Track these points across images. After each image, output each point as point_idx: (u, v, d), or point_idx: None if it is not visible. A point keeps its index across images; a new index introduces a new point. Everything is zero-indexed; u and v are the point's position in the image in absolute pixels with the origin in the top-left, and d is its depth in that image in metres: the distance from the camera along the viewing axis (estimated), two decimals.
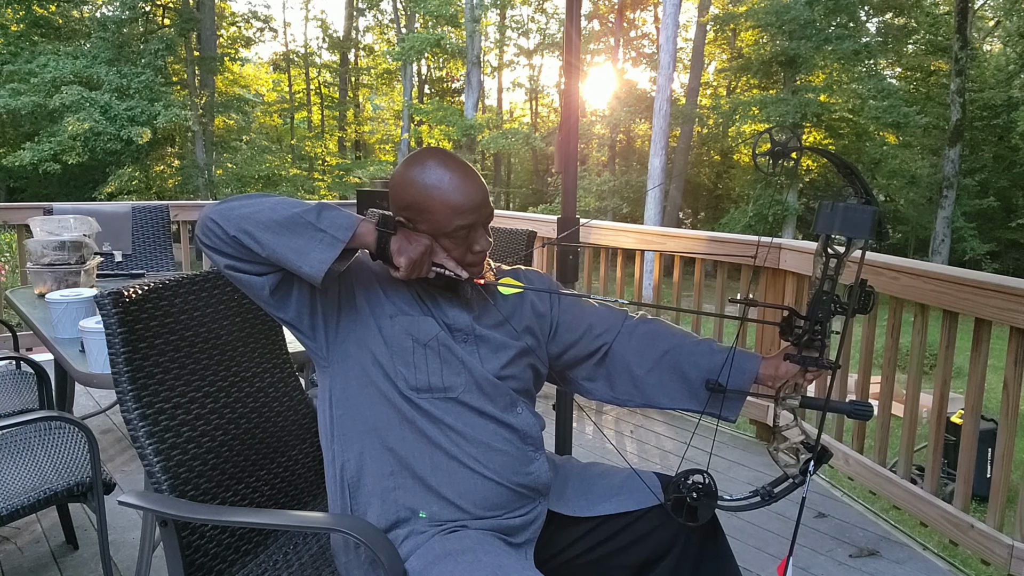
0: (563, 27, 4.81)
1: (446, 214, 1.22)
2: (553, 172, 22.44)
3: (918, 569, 2.35)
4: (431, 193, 1.22)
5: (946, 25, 19.64)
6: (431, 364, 1.24)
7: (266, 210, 1.13)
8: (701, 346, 1.39)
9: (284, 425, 1.60)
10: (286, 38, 39.64)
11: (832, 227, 1.13)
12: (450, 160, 1.25)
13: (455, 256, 1.26)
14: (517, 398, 1.32)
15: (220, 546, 1.36)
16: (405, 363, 1.24)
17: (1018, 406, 2.24)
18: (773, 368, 1.33)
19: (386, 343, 1.24)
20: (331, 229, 1.13)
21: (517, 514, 1.28)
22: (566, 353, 1.44)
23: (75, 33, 18.30)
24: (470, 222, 1.23)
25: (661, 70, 14.94)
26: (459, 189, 1.22)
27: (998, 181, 19.47)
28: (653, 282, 4.64)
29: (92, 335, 1.90)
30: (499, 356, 1.32)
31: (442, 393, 1.24)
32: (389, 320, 1.25)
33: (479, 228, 1.26)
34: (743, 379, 1.34)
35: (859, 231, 1.11)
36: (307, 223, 1.12)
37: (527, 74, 29.67)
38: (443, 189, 1.22)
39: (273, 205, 1.14)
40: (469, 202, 1.23)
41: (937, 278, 2.44)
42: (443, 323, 1.28)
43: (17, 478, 1.86)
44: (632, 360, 1.40)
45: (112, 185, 16.98)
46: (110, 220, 3.45)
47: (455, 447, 1.24)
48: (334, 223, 1.14)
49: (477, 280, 1.28)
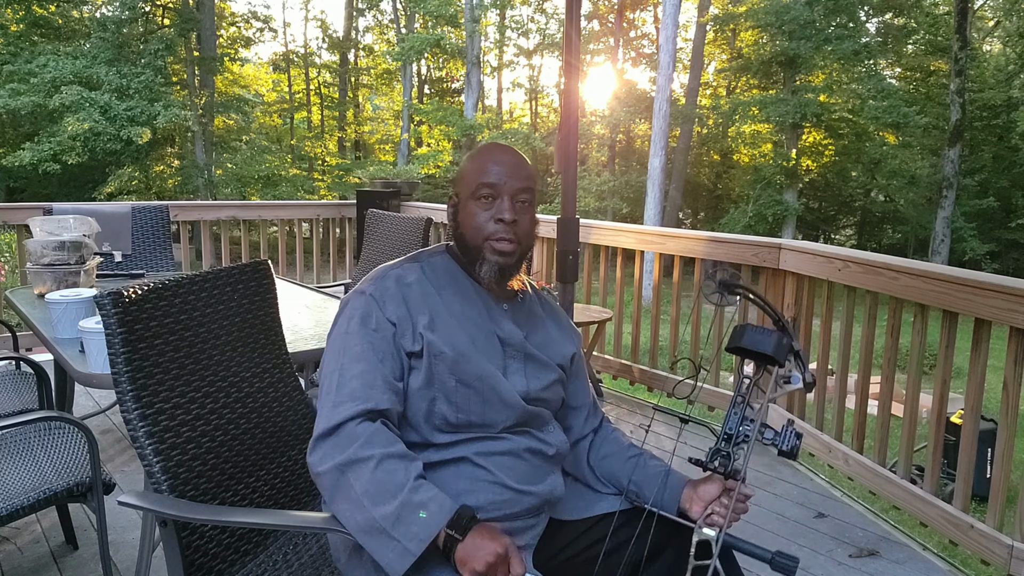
0: (563, 27, 4.81)
1: (473, 175, 1.31)
2: (553, 172, 22.43)
3: (918, 569, 2.35)
4: (468, 161, 1.35)
5: (946, 25, 19.64)
6: (472, 403, 1.26)
7: (353, 510, 1.11)
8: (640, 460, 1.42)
9: (284, 425, 1.59)
10: (286, 38, 39.61)
11: (740, 341, 1.22)
12: (497, 142, 1.35)
13: (478, 222, 1.29)
14: (550, 418, 1.38)
15: (220, 546, 1.36)
16: (448, 401, 1.25)
17: (1018, 406, 2.24)
18: (692, 488, 1.32)
19: (430, 381, 1.25)
20: (404, 539, 1.08)
21: (520, 521, 1.29)
22: None
23: (75, 33, 18.28)
24: (493, 184, 1.29)
25: (661, 70, 14.93)
26: (489, 155, 1.33)
27: (998, 181, 19.46)
28: (653, 282, 4.64)
29: (92, 335, 1.90)
30: (541, 377, 1.36)
31: (480, 430, 1.28)
32: (435, 358, 1.26)
33: (504, 198, 1.29)
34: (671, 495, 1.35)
35: (763, 347, 1.20)
36: (382, 529, 1.09)
37: (527, 74, 29.67)
38: (476, 156, 1.35)
39: (358, 503, 1.11)
40: (495, 166, 1.30)
41: (937, 278, 2.44)
42: (498, 336, 1.32)
43: (17, 478, 1.86)
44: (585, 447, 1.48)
45: (112, 185, 16.96)
46: (110, 220, 3.45)
47: (481, 458, 1.26)
48: (408, 532, 1.08)
49: (511, 285, 1.35)
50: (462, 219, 1.32)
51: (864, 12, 19.95)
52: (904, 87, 20.97)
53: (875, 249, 21.52)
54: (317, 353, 2.17)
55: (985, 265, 17.91)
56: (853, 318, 2.95)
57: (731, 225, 18.87)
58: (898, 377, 3.31)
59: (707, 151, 23.77)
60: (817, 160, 20.37)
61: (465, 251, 1.33)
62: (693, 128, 21.18)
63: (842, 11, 18.32)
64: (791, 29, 17.72)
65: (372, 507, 1.09)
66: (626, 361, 4.10)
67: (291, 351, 1.71)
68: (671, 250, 3.79)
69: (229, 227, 5.05)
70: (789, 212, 18.78)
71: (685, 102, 20.06)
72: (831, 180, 21.46)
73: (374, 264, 3.42)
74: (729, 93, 22.82)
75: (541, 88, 27.70)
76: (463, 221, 1.32)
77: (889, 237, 22.92)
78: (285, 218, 5.37)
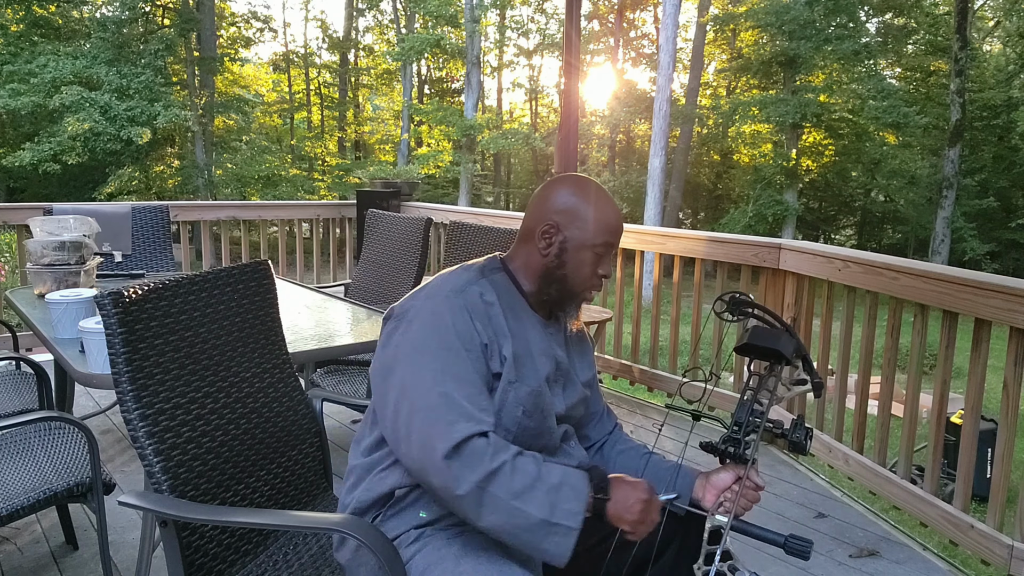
0: (563, 27, 4.81)
1: (598, 227, 1.31)
2: (553, 172, 22.44)
3: (918, 569, 2.35)
4: (590, 202, 1.32)
5: (946, 25, 19.64)
6: (527, 432, 1.29)
7: (507, 518, 1.12)
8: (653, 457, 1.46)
9: (284, 425, 1.59)
10: (286, 38, 39.54)
11: (748, 339, 1.26)
12: (604, 190, 1.37)
13: (587, 273, 1.32)
14: (572, 433, 1.42)
15: (220, 546, 1.36)
16: (506, 429, 1.26)
17: (1018, 406, 2.24)
18: (705, 478, 1.34)
19: (501, 407, 1.26)
20: (564, 520, 1.12)
21: None
22: None
23: (75, 33, 18.28)
24: (612, 243, 1.33)
25: (661, 70, 14.93)
26: (613, 212, 1.34)
27: (998, 181, 19.47)
28: (653, 282, 4.64)
29: (92, 335, 1.90)
30: (572, 397, 1.39)
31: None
32: (510, 385, 1.27)
33: (611, 254, 1.34)
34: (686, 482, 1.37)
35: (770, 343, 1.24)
36: (541, 522, 1.11)
37: (527, 74, 29.69)
38: (601, 207, 1.32)
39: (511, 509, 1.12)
40: (617, 226, 1.34)
41: (937, 278, 2.44)
42: (556, 361, 1.35)
43: (17, 478, 1.86)
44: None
45: (112, 185, 16.96)
46: (110, 220, 3.45)
47: None
48: (565, 512, 1.12)
49: (574, 323, 1.40)
50: (570, 261, 1.31)
51: (864, 12, 19.94)
52: (904, 87, 20.97)
53: (875, 249, 21.53)
54: (317, 353, 2.17)
55: (985, 265, 17.90)
56: (853, 318, 2.95)
57: (731, 225, 18.88)
58: (898, 377, 3.31)
59: (707, 151, 23.78)
60: (817, 160, 20.37)
61: (556, 288, 1.32)
62: (693, 128, 21.18)
63: (842, 11, 18.31)
64: (791, 29, 17.71)
65: (525, 507, 1.12)
66: (626, 361, 4.10)
67: (291, 351, 1.71)
68: (671, 250, 3.79)
69: (229, 227, 5.06)
70: (789, 212, 18.78)
71: (685, 102, 20.07)
72: (831, 180, 21.46)
73: (374, 264, 3.44)
74: (729, 93, 22.82)
75: (541, 88, 27.74)
76: (572, 265, 1.31)
77: (889, 237, 22.94)
78: (285, 218, 5.37)
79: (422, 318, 1.24)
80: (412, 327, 1.23)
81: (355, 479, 1.32)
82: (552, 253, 1.31)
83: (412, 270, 3.22)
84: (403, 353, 1.22)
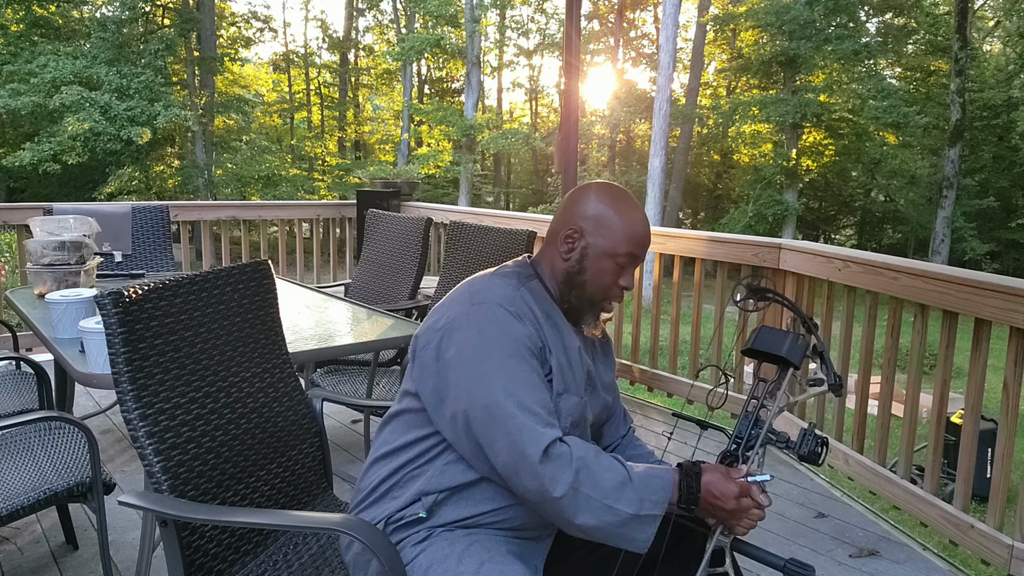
0: (563, 27, 4.81)
1: (624, 236, 1.30)
2: (553, 172, 22.45)
3: (918, 569, 2.35)
4: (618, 211, 1.30)
5: (946, 25, 19.64)
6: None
7: (601, 515, 1.15)
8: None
9: (284, 425, 1.59)
10: (286, 38, 39.57)
11: (753, 343, 1.27)
12: (635, 202, 1.35)
13: (608, 282, 1.31)
14: (589, 436, 1.41)
15: (220, 546, 1.36)
16: None
17: (1018, 406, 2.24)
18: None
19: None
20: (651, 510, 1.16)
21: (533, 532, 1.30)
22: None
23: (75, 33, 18.28)
24: (636, 255, 1.31)
25: (661, 70, 14.93)
26: (641, 224, 1.32)
27: (998, 181, 19.47)
28: (653, 282, 4.64)
29: (92, 335, 1.90)
30: (596, 404, 1.41)
31: None
32: (559, 397, 1.27)
33: (634, 266, 1.33)
34: None
35: (776, 348, 1.24)
36: (632, 516, 1.15)
37: (527, 74, 29.69)
38: (629, 217, 1.31)
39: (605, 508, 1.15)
40: (644, 239, 1.32)
41: (937, 278, 2.44)
42: (588, 371, 1.36)
43: (17, 478, 1.86)
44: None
45: (112, 185, 16.96)
46: (110, 220, 3.45)
47: None
48: (651, 502, 1.16)
49: (592, 331, 1.39)
50: (591, 268, 1.30)
51: (864, 12, 19.95)
52: (904, 87, 20.97)
53: (875, 249, 21.52)
54: (317, 353, 2.17)
55: (985, 265, 17.91)
56: (853, 318, 2.95)
57: (731, 225, 18.88)
58: (898, 377, 3.31)
59: (707, 151, 23.78)
60: (817, 160, 20.37)
61: (576, 294, 1.32)
62: (693, 128, 21.18)
63: (842, 11, 18.32)
64: (791, 29, 17.72)
65: (617, 504, 1.15)
66: (626, 361, 4.10)
67: (291, 351, 1.71)
68: (671, 250, 3.79)
69: (229, 227, 5.06)
70: (789, 212, 18.78)
71: (685, 102, 20.06)
72: (831, 180, 21.47)
73: (374, 264, 3.44)
74: (729, 93, 22.82)
75: (541, 88, 27.75)
76: (592, 271, 1.30)
77: (889, 237, 22.93)
78: (285, 218, 5.37)
79: (478, 328, 1.21)
80: (469, 338, 1.21)
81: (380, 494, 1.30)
82: (573, 258, 1.31)
83: (412, 270, 3.22)
84: (464, 365, 1.20)
